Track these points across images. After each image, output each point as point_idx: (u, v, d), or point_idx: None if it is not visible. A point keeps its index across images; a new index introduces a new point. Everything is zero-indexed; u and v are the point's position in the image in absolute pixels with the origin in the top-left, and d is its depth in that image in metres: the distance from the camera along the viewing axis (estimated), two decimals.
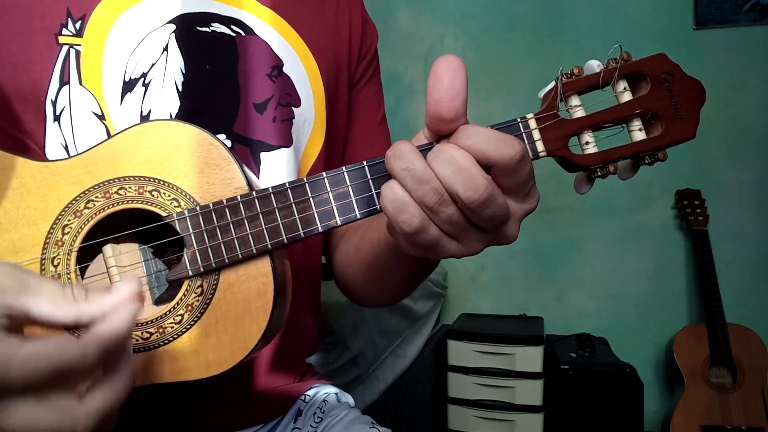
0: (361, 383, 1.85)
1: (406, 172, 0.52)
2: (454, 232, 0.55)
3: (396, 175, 0.53)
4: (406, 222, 0.53)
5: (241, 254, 0.57)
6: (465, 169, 0.51)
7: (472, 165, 0.52)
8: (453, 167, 0.51)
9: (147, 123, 0.59)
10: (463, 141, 0.53)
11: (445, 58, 0.53)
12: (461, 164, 0.51)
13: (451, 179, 0.51)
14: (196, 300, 0.57)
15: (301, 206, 0.57)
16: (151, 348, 0.57)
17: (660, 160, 0.60)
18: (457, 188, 0.51)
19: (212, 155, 0.58)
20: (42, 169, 0.58)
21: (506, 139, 0.52)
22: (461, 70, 0.53)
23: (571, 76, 0.58)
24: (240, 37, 0.79)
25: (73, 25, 0.70)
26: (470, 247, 0.57)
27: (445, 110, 0.53)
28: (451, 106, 0.53)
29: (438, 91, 0.53)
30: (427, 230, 0.54)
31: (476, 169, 0.52)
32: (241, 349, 0.57)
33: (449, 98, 0.52)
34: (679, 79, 0.59)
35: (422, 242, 0.55)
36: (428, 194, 0.52)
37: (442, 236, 0.55)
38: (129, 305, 0.47)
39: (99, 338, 0.44)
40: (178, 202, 0.57)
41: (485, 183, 0.51)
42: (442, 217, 0.53)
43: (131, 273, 0.61)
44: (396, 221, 0.53)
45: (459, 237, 0.56)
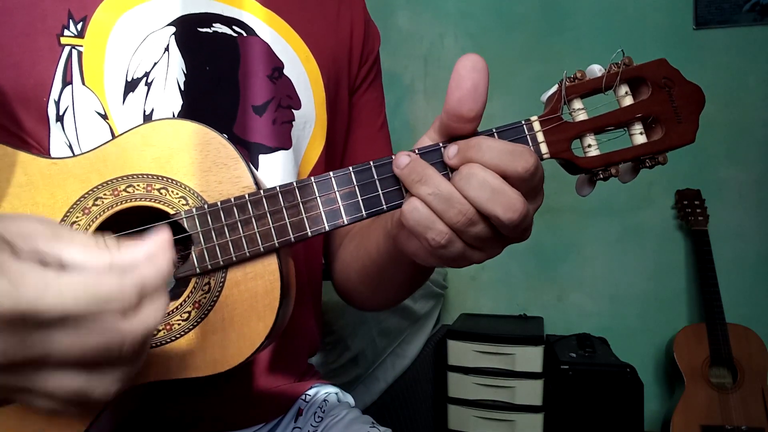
0: (361, 383, 1.85)
1: (433, 196, 0.54)
2: (480, 244, 0.57)
3: (422, 198, 0.54)
4: (435, 239, 0.54)
5: (248, 252, 0.57)
6: (501, 192, 0.53)
7: (505, 185, 0.53)
8: (488, 191, 0.53)
9: (155, 121, 0.59)
10: (479, 157, 0.54)
11: (471, 58, 0.54)
12: (495, 187, 0.53)
13: (487, 203, 0.53)
14: (204, 297, 0.57)
15: (309, 205, 0.58)
16: (158, 345, 0.57)
17: (660, 164, 0.61)
18: (496, 211, 0.52)
19: (220, 154, 0.58)
20: (50, 166, 0.58)
21: (518, 152, 0.54)
22: (485, 73, 0.54)
23: (574, 80, 0.59)
24: (241, 37, 0.79)
25: (75, 26, 0.71)
26: (492, 253, 0.59)
27: (465, 110, 0.54)
28: (473, 107, 0.54)
29: (461, 91, 0.53)
30: (454, 245, 0.55)
31: (509, 189, 0.53)
32: (248, 347, 0.58)
33: (472, 99, 0.54)
34: (679, 84, 0.60)
35: (448, 255, 0.56)
36: (456, 216, 0.53)
37: (467, 248, 0.56)
38: (163, 252, 0.47)
39: (138, 276, 0.44)
40: (186, 200, 0.58)
41: (521, 201, 0.53)
42: (471, 234, 0.55)
43: None
44: (424, 238, 0.54)
45: (483, 247, 0.57)
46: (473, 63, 0.53)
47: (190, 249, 0.57)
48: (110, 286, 0.42)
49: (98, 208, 0.57)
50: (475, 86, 0.53)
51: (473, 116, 0.54)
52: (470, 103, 0.54)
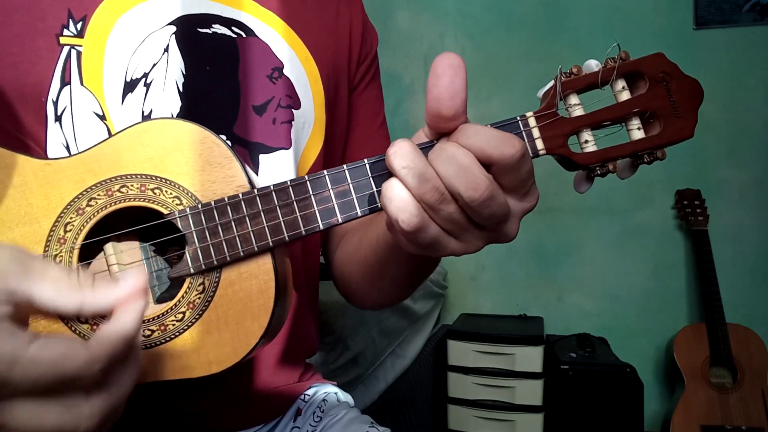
0: (361, 383, 1.85)
1: (407, 170, 0.52)
2: (454, 230, 0.55)
3: (396, 173, 0.53)
4: (406, 220, 0.52)
5: (242, 252, 0.57)
6: (466, 168, 0.51)
7: (474, 164, 0.52)
8: (454, 166, 0.51)
9: (149, 121, 0.59)
10: (463, 140, 0.53)
11: (446, 56, 0.53)
12: (462, 163, 0.51)
13: (452, 178, 0.51)
14: (198, 297, 0.57)
15: (303, 204, 0.57)
16: (152, 346, 0.57)
17: (659, 159, 0.60)
18: (458, 187, 0.51)
19: (214, 153, 0.58)
20: (44, 167, 0.58)
21: (506, 137, 0.53)
22: (461, 68, 0.53)
23: (570, 75, 0.59)
24: (241, 38, 0.79)
25: (74, 26, 0.70)
26: (470, 245, 0.57)
27: (445, 108, 0.53)
28: (451, 105, 0.53)
29: (438, 89, 0.53)
30: (427, 228, 0.54)
31: (477, 168, 0.52)
32: (243, 347, 0.57)
33: (449, 96, 0.52)
34: (677, 78, 0.59)
35: (422, 240, 0.55)
36: (428, 192, 0.52)
37: (442, 234, 0.55)
38: (136, 302, 0.46)
39: (107, 341, 0.43)
40: (180, 200, 0.57)
41: (486, 182, 0.51)
42: (443, 216, 0.53)
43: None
44: (396, 219, 0.53)
45: (459, 235, 0.56)
46: (448, 60, 0.52)
47: (184, 249, 0.57)
48: (77, 364, 0.42)
49: (92, 208, 0.57)
50: (451, 82, 0.52)
51: (453, 114, 0.53)
52: (448, 100, 0.53)
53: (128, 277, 0.47)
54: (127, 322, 0.45)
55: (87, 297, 0.45)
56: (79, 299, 0.44)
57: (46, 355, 0.41)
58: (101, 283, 0.46)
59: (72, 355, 0.42)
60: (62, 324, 0.54)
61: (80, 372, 0.42)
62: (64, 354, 0.41)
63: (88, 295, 0.45)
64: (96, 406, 0.44)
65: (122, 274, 0.50)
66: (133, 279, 0.47)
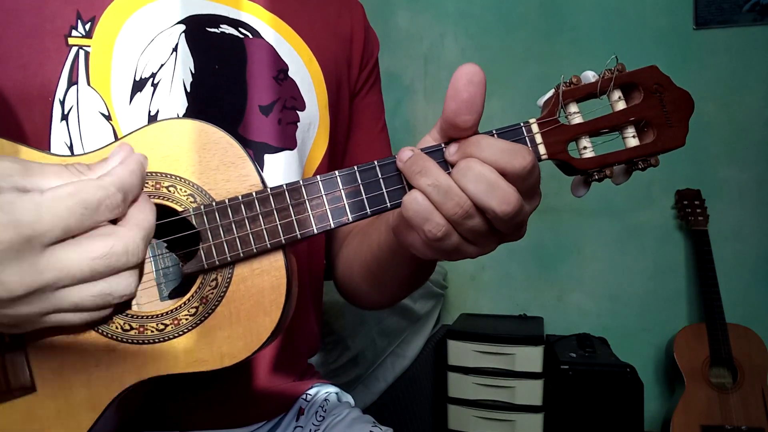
0: (361, 383, 1.85)
1: (432, 187, 0.55)
2: (476, 239, 0.58)
3: (422, 189, 0.56)
4: (433, 230, 0.55)
5: (255, 249, 0.58)
6: (496, 185, 0.54)
7: (501, 180, 0.55)
8: (484, 184, 0.54)
9: (164, 121, 0.60)
10: (478, 153, 0.56)
11: (468, 69, 0.55)
12: (491, 181, 0.54)
13: (483, 195, 0.54)
14: (211, 293, 0.58)
15: (315, 203, 0.59)
16: (166, 339, 0.58)
17: (652, 166, 0.63)
18: (491, 204, 0.54)
19: (228, 153, 0.59)
20: None
21: (517, 149, 0.56)
22: (482, 85, 0.55)
23: (570, 85, 0.62)
24: (248, 39, 0.80)
25: (83, 27, 0.71)
26: (486, 248, 0.61)
27: (461, 121, 0.56)
28: (468, 119, 0.56)
29: (457, 102, 0.55)
30: (450, 238, 0.57)
31: (505, 183, 0.55)
32: (254, 342, 0.58)
33: (467, 111, 0.55)
34: (669, 89, 0.62)
35: (443, 248, 0.58)
36: (454, 208, 0.55)
37: (462, 242, 0.58)
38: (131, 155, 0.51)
39: (113, 174, 0.47)
40: (194, 198, 0.58)
41: (516, 195, 0.55)
42: (466, 227, 0.56)
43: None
44: (421, 230, 0.56)
45: (478, 242, 0.59)
46: (470, 76, 0.54)
47: (192, 247, 0.58)
48: (93, 189, 0.45)
49: None
50: (471, 99, 0.55)
51: (469, 126, 0.56)
52: (466, 114, 0.55)
53: (116, 149, 0.52)
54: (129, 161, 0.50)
55: (88, 174, 0.48)
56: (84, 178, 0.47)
57: (62, 190, 0.43)
58: (94, 165, 0.50)
59: (83, 184, 0.45)
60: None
61: (98, 196, 0.45)
62: (76, 185, 0.44)
63: (91, 175, 0.48)
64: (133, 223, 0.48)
65: (111, 152, 0.53)
66: (120, 150, 0.52)
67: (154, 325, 0.57)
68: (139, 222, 0.49)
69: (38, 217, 0.41)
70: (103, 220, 0.46)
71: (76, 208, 0.43)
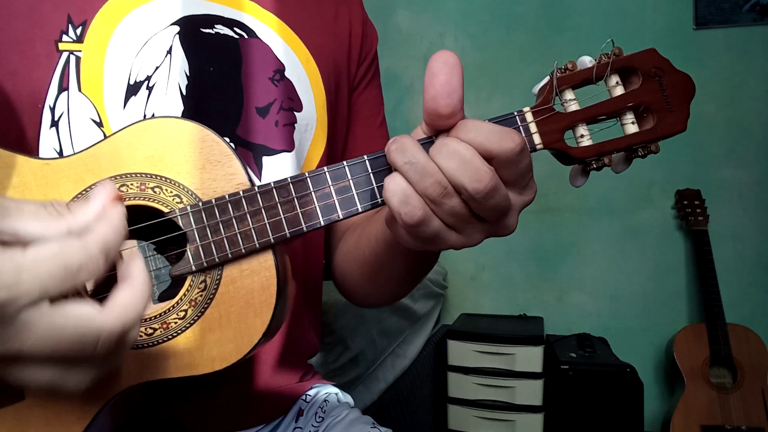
0: (361, 383, 1.85)
1: (409, 165, 0.53)
2: (456, 224, 0.56)
3: (399, 168, 0.54)
4: (409, 213, 0.53)
5: (243, 249, 0.57)
6: (469, 161, 0.52)
7: (476, 157, 0.53)
8: (457, 160, 0.52)
9: (148, 120, 0.59)
10: (463, 135, 0.54)
11: (441, 54, 0.54)
12: (465, 156, 0.52)
13: (455, 171, 0.52)
14: (200, 295, 0.57)
15: (303, 200, 0.58)
16: (155, 344, 0.57)
17: (653, 153, 0.61)
18: (462, 180, 0.52)
19: (213, 151, 0.58)
20: (43, 166, 0.58)
21: (505, 132, 0.54)
22: (457, 66, 0.54)
23: (565, 71, 0.60)
24: (243, 39, 0.79)
25: (74, 31, 0.70)
26: (470, 239, 0.58)
27: (441, 106, 0.54)
28: (448, 103, 0.54)
29: (435, 88, 0.54)
30: (430, 222, 0.55)
31: (480, 161, 0.53)
32: (246, 344, 0.58)
33: (446, 95, 0.54)
34: (669, 73, 0.60)
35: (424, 234, 0.55)
36: (431, 186, 0.53)
37: (443, 228, 0.56)
38: (113, 208, 0.47)
39: (98, 234, 0.44)
40: (180, 198, 0.57)
41: (490, 173, 0.52)
42: (445, 209, 0.54)
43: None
44: (399, 213, 0.54)
45: (460, 228, 0.57)
46: (444, 59, 0.53)
47: (183, 248, 0.57)
48: (77, 252, 0.42)
49: None
50: (447, 80, 0.53)
51: (450, 112, 0.54)
52: (445, 98, 0.54)
53: (98, 190, 0.48)
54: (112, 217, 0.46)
55: (69, 220, 0.44)
56: (63, 224, 0.44)
57: (45, 251, 0.40)
58: (75, 205, 0.46)
59: (67, 245, 0.42)
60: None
61: (80, 261, 0.42)
62: (59, 246, 0.41)
63: (70, 218, 0.44)
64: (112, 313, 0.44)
65: (92, 191, 0.51)
66: (103, 189, 0.48)
67: (143, 330, 0.57)
68: (125, 309, 0.44)
69: (17, 280, 0.38)
70: (82, 282, 0.43)
71: (57, 271, 0.40)
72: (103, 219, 0.46)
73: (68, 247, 0.42)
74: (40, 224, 0.43)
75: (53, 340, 0.40)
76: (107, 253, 0.44)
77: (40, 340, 0.40)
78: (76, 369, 0.43)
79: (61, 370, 0.42)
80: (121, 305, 0.44)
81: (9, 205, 0.43)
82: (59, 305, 0.41)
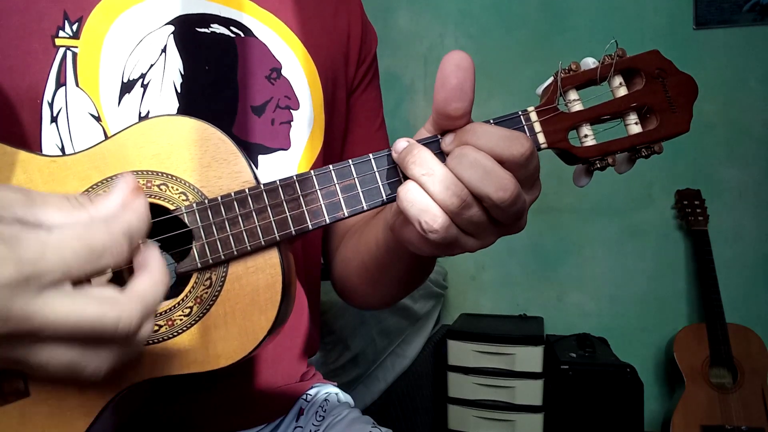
0: (361, 383, 1.85)
1: (427, 177, 0.53)
2: (474, 230, 0.56)
3: (417, 179, 0.54)
4: (430, 222, 0.54)
5: (249, 246, 0.57)
6: (492, 172, 0.53)
7: (497, 166, 0.53)
8: (480, 171, 0.53)
9: (155, 118, 0.59)
10: (474, 141, 0.54)
11: (455, 55, 0.54)
12: (487, 167, 0.53)
13: (479, 183, 0.53)
14: (205, 292, 0.57)
15: (309, 198, 0.58)
16: (160, 340, 0.57)
17: (656, 153, 0.62)
18: (487, 190, 0.52)
19: (220, 150, 0.58)
20: (49, 164, 0.58)
21: (515, 136, 0.54)
22: (470, 71, 0.54)
23: (569, 72, 0.60)
24: (239, 38, 0.79)
25: (70, 27, 0.70)
26: (486, 241, 0.59)
27: (452, 109, 0.54)
28: (459, 106, 0.54)
29: (446, 90, 0.54)
30: (449, 229, 0.55)
31: (501, 170, 0.53)
32: (251, 341, 0.58)
33: (457, 98, 0.54)
34: (672, 74, 0.61)
35: (442, 241, 0.55)
36: (450, 198, 0.53)
37: (461, 234, 0.56)
38: (136, 197, 0.47)
39: (122, 220, 0.45)
40: (186, 196, 0.58)
41: (513, 181, 0.53)
42: (464, 218, 0.54)
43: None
44: (418, 221, 0.54)
45: (477, 234, 0.57)
46: (458, 61, 0.53)
47: (188, 246, 0.57)
48: (101, 234, 0.42)
49: None
50: (460, 85, 0.54)
51: (460, 114, 0.55)
52: (456, 101, 0.54)
53: (119, 182, 0.48)
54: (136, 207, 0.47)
55: (92, 211, 0.45)
56: (85, 215, 0.44)
57: (70, 232, 0.41)
58: (98, 197, 0.47)
59: (92, 227, 0.42)
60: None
61: (104, 243, 0.42)
62: (84, 227, 0.42)
63: (92, 209, 0.45)
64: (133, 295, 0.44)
65: (113, 183, 0.51)
66: (125, 181, 0.48)
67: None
68: (144, 295, 0.45)
69: (42, 256, 0.39)
70: (106, 266, 0.43)
71: (82, 252, 0.41)
72: (127, 207, 0.46)
73: (93, 230, 0.42)
74: (64, 213, 0.43)
75: (74, 320, 0.40)
76: (131, 238, 0.45)
77: (61, 319, 0.40)
78: (95, 352, 0.43)
79: (80, 353, 0.42)
80: (141, 291, 0.45)
81: (34, 195, 0.43)
82: (81, 287, 0.41)
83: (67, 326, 0.40)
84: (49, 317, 0.40)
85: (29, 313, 0.39)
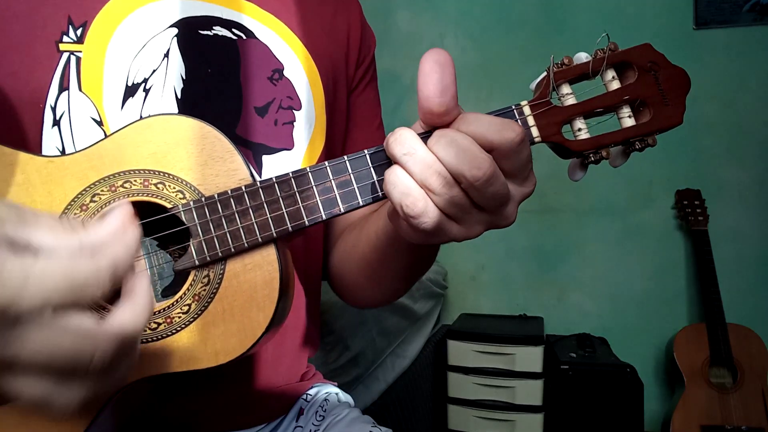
0: (361, 383, 1.85)
1: (408, 156, 0.54)
2: (457, 214, 0.56)
3: (398, 159, 0.54)
4: (410, 204, 0.54)
5: (246, 243, 0.57)
6: (467, 149, 0.53)
7: (473, 144, 0.53)
8: (455, 149, 0.53)
9: (151, 117, 0.59)
10: (464, 127, 0.55)
11: (432, 53, 0.55)
12: (462, 145, 0.53)
13: (454, 160, 0.53)
14: (203, 290, 0.58)
15: (305, 195, 0.58)
16: (159, 338, 0.57)
17: (650, 146, 0.62)
18: (461, 168, 0.53)
19: (216, 148, 0.59)
20: (47, 164, 0.58)
21: (506, 123, 0.54)
22: (449, 65, 0.54)
23: (562, 66, 0.61)
24: (241, 40, 0.80)
25: (74, 32, 0.70)
26: (471, 230, 0.58)
27: (435, 105, 0.55)
28: (442, 101, 0.55)
29: (428, 88, 0.54)
30: (431, 213, 0.55)
31: (477, 148, 0.53)
32: (249, 338, 0.58)
33: (439, 93, 0.54)
34: (664, 67, 0.61)
35: (425, 225, 0.56)
36: (431, 177, 0.53)
37: (444, 219, 0.56)
38: (128, 229, 0.46)
39: (109, 252, 0.44)
40: (183, 194, 0.58)
41: (488, 161, 0.53)
42: (446, 199, 0.54)
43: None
44: (400, 204, 0.54)
45: (461, 219, 0.57)
46: (435, 57, 0.54)
47: (186, 244, 0.58)
48: (85, 267, 0.42)
49: (96, 204, 0.57)
50: (440, 80, 0.54)
51: (444, 110, 0.55)
52: (438, 98, 0.54)
53: (113, 211, 0.47)
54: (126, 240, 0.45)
55: (83, 236, 0.44)
56: (76, 240, 0.43)
57: (55, 265, 0.40)
58: (90, 223, 0.46)
59: (78, 262, 0.41)
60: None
61: (88, 279, 0.42)
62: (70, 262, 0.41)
63: (83, 234, 0.44)
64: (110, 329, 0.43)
65: (108, 211, 0.50)
66: (119, 211, 0.47)
67: (147, 324, 0.57)
68: (123, 329, 0.44)
69: (23, 285, 0.38)
70: (86, 298, 0.42)
71: (63, 284, 0.40)
72: (117, 239, 0.45)
73: (77, 264, 0.41)
74: (54, 236, 0.43)
75: (50, 350, 0.40)
76: (115, 273, 0.44)
77: (37, 348, 0.39)
78: (68, 384, 0.42)
79: (53, 384, 0.42)
80: (119, 325, 0.44)
81: (26, 214, 0.43)
82: (60, 316, 0.40)
83: (42, 356, 0.40)
84: (26, 347, 0.39)
85: (5, 341, 0.38)
